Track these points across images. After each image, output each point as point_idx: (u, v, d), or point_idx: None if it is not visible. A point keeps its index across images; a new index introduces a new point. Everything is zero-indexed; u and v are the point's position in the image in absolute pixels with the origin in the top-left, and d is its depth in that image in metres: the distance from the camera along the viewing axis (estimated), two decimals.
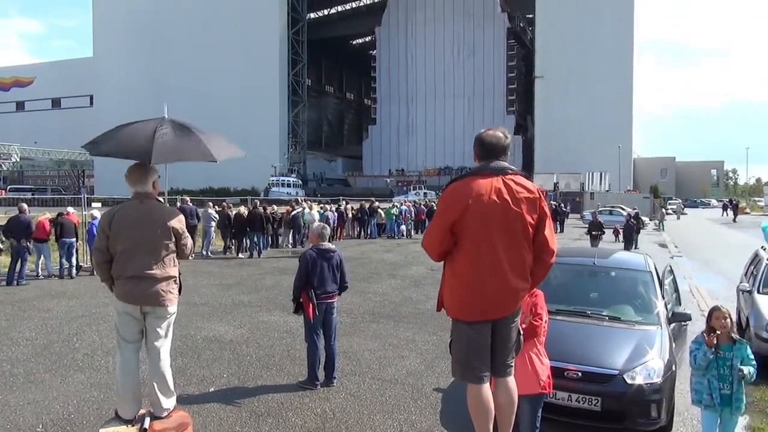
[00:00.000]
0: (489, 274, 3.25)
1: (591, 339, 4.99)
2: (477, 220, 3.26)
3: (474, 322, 3.34)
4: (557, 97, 76.77)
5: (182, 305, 8.72)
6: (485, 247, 3.25)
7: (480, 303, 3.29)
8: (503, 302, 3.30)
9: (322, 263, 5.84)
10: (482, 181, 3.32)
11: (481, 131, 3.58)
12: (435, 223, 3.46)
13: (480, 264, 3.26)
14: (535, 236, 3.37)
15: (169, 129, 4.24)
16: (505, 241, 3.27)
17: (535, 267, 3.40)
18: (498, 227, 3.26)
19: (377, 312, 9.75)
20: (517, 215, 3.29)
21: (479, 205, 3.26)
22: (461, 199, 3.31)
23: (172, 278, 4.28)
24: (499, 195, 3.28)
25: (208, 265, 15.95)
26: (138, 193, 4.25)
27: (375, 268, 15.59)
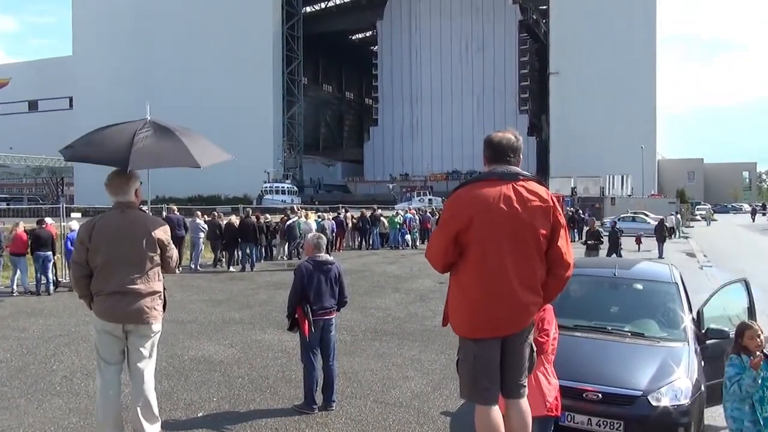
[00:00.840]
0: (496, 288, 3.25)
1: (612, 357, 4.97)
2: (483, 230, 3.26)
3: (481, 339, 3.33)
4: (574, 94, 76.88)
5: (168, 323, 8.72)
6: (492, 259, 3.25)
7: (487, 319, 3.29)
8: (512, 318, 3.30)
9: (319, 276, 5.84)
10: (490, 188, 3.33)
11: (491, 133, 3.59)
12: (438, 233, 3.45)
13: (487, 277, 3.26)
14: (548, 248, 3.36)
15: (150, 132, 4.26)
16: (515, 252, 3.26)
17: (549, 281, 3.38)
18: (506, 238, 3.26)
19: (379, 329, 9.73)
20: (527, 226, 3.28)
21: (486, 214, 3.26)
22: (466, 208, 3.31)
23: (157, 293, 4.29)
24: (508, 203, 3.28)
25: (196, 279, 15.96)
26: (119, 203, 4.27)
27: (377, 282, 15.57)
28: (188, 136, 4.44)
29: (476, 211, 3.28)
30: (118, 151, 4.15)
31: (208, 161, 4.48)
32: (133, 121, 4.52)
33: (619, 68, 74.42)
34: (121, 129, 4.36)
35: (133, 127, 4.30)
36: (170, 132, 4.37)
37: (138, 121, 4.46)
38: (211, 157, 4.59)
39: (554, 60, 79.67)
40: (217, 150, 4.77)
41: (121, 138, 4.24)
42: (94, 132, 4.45)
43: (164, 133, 4.34)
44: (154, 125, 4.36)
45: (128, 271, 4.15)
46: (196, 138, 4.53)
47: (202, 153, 4.45)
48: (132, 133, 4.22)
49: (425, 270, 17.61)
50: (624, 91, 74.41)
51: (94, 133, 4.43)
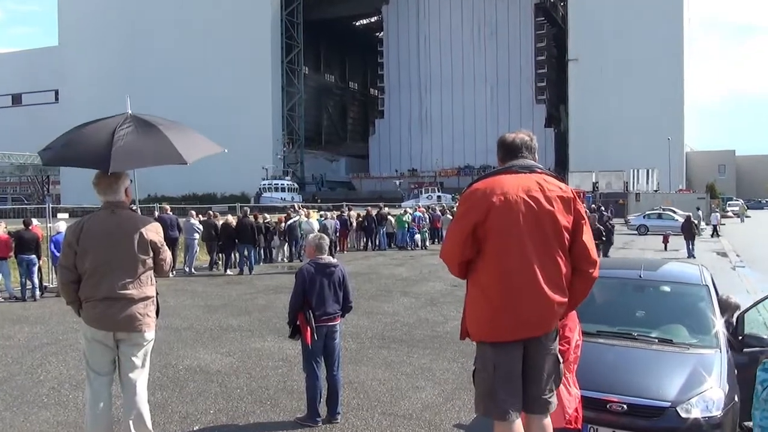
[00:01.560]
0: (519, 284, 3.22)
1: (638, 365, 4.94)
2: (503, 221, 3.25)
3: (501, 343, 3.30)
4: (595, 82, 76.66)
5: (161, 330, 8.76)
6: (514, 251, 3.23)
7: (509, 319, 3.25)
8: (537, 318, 3.26)
9: (322, 280, 5.84)
10: (508, 177, 3.35)
11: (504, 134, 3.66)
12: (454, 229, 3.45)
13: (508, 271, 3.23)
14: (572, 244, 3.35)
15: (131, 128, 4.24)
16: (537, 244, 3.25)
17: (575, 280, 3.36)
18: (528, 228, 3.25)
19: (387, 336, 9.73)
20: (549, 214, 3.28)
21: (505, 203, 3.26)
22: (484, 199, 3.31)
23: (150, 299, 4.30)
24: (528, 192, 3.29)
25: (191, 284, 16.02)
26: (109, 203, 4.27)
27: (384, 285, 15.58)
28: (173, 129, 4.41)
29: (495, 200, 3.27)
30: (98, 151, 4.13)
31: (196, 155, 4.45)
32: (113, 116, 4.50)
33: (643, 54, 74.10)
34: (99, 126, 4.34)
35: (113, 124, 4.28)
36: (152, 126, 4.34)
37: (118, 116, 4.44)
38: (199, 151, 4.56)
39: (573, 45, 79.43)
40: (206, 142, 4.75)
41: (100, 137, 4.21)
42: (72, 131, 4.44)
43: (146, 127, 4.31)
44: (135, 120, 4.33)
45: (119, 276, 4.17)
46: (182, 131, 4.50)
47: (189, 147, 4.42)
48: (111, 131, 4.19)
49: (436, 272, 17.60)
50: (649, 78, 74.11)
51: (72, 132, 4.42)
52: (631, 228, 39.02)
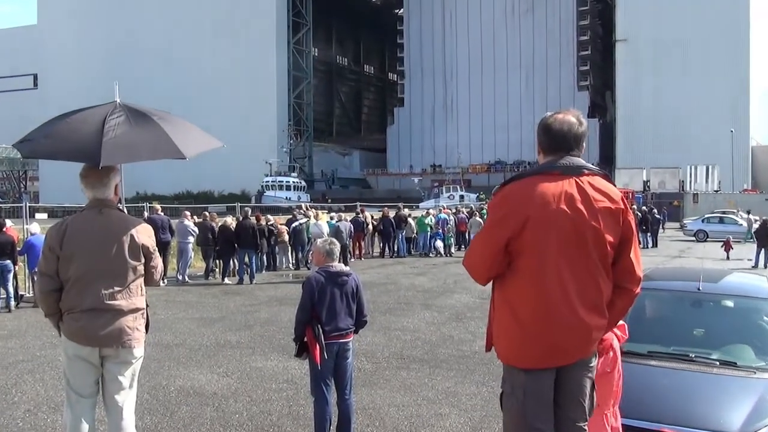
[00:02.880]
0: (553, 307, 3.22)
1: (696, 391, 4.89)
2: (541, 236, 3.23)
3: (532, 369, 3.30)
4: (646, 66, 76.07)
5: (150, 346, 8.82)
6: (550, 271, 3.22)
7: (541, 345, 3.26)
8: (571, 344, 3.26)
9: (333, 291, 5.85)
10: (549, 184, 3.29)
11: (547, 115, 3.54)
12: (483, 238, 3.42)
13: (542, 292, 3.23)
14: (616, 261, 3.34)
15: (122, 118, 4.28)
16: (577, 264, 3.23)
17: (615, 298, 3.36)
18: (567, 246, 3.22)
19: (407, 355, 9.72)
20: (593, 231, 3.25)
21: (543, 216, 3.23)
22: (519, 208, 3.27)
23: (140, 311, 4.33)
24: (570, 203, 3.24)
25: (184, 293, 16.12)
26: (96, 200, 4.30)
27: (403, 297, 15.57)
28: (168, 121, 4.46)
29: (532, 211, 3.24)
30: (86, 143, 4.16)
31: (195, 150, 4.49)
32: (100, 105, 4.54)
33: (703, 33, 73.38)
34: (86, 116, 4.38)
35: (102, 113, 4.32)
36: (146, 117, 4.39)
37: (106, 104, 4.48)
38: (197, 146, 4.60)
39: (621, 24, 78.89)
40: (204, 136, 4.79)
41: (87, 127, 4.25)
42: (54, 120, 4.48)
43: (140, 118, 4.35)
44: (126, 109, 4.38)
45: (107, 284, 4.19)
46: (177, 123, 4.54)
47: (187, 141, 4.46)
48: (101, 121, 4.23)
49: (462, 283, 17.54)
50: (709, 62, 73.37)
51: (54, 122, 4.46)
52: (688, 233, 38.70)
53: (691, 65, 74.07)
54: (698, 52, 73.82)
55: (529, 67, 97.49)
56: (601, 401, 3.70)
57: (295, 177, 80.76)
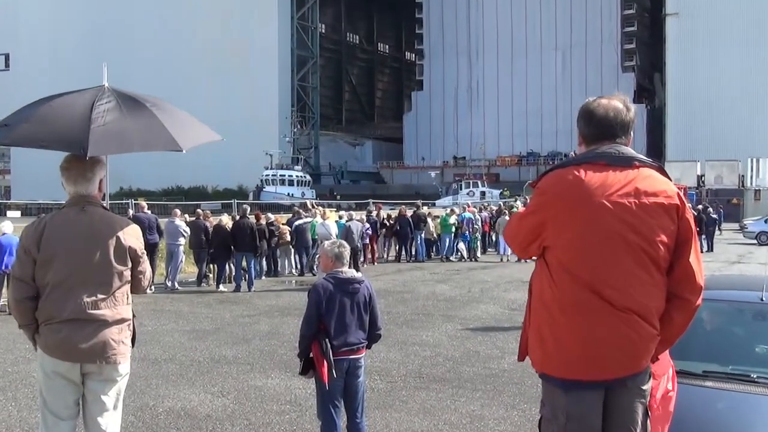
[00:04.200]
0: (598, 311, 3.20)
1: (758, 417, 4.86)
2: (580, 232, 3.23)
3: (576, 386, 3.27)
4: (701, 44, 75.49)
5: (136, 362, 8.83)
6: (592, 272, 3.21)
7: (585, 353, 3.23)
8: (621, 355, 3.23)
9: (342, 300, 5.85)
10: (593, 175, 3.28)
11: (589, 100, 3.53)
12: (518, 223, 3.55)
13: (585, 296, 3.21)
14: (673, 266, 3.31)
15: (112, 104, 4.30)
16: (622, 265, 3.21)
17: (672, 310, 3.33)
18: (612, 245, 3.21)
19: (426, 373, 9.71)
20: (645, 229, 3.23)
21: (585, 210, 3.23)
22: (557, 201, 3.29)
23: (126, 322, 4.34)
24: (617, 197, 3.23)
25: (174, 302, 16.19)
26: (79, 196, 4.31)
27: (422, 307, 15.55)
28: (162, 109, 4.48)
29: (573, 205, 3.24)
30: (71, 131, 4.18)
31: (192, 142, 4.52)
32: (86, 89, 4.56)
33: (766, 7, 72.71)
34: (71, 100, 4.40)
35: (89, 98, 4.34)
36: (139, 104, 4.41)
37: (93, 88, 4.50)
38: (194, 138, 4.63)
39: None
40: (201, 128, 4.82)
41: (73, 113, 4.27)
42: (35, 104, 4.50)
43: (131, 105, 4.37)
44: (116, 95, 4.40)
45: (90, 292, 4.20)
46: (172, 112, 4.56)
47: (183, 132, 4.49)
48: (88, 107, 4.25)
49: (489, 291, 17.49)
50: None
51: (35, 105, 4.48)
52: (749, 235, 38.37)
53: (754, 42, 73.40)
54: (761, 28, 73.15)
55: (566, 46, 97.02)
56: (655, 430, 3.68)
57: (299, 170, 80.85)
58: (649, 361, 3.36)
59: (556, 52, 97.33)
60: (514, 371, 9.32)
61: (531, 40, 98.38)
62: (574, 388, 3.28)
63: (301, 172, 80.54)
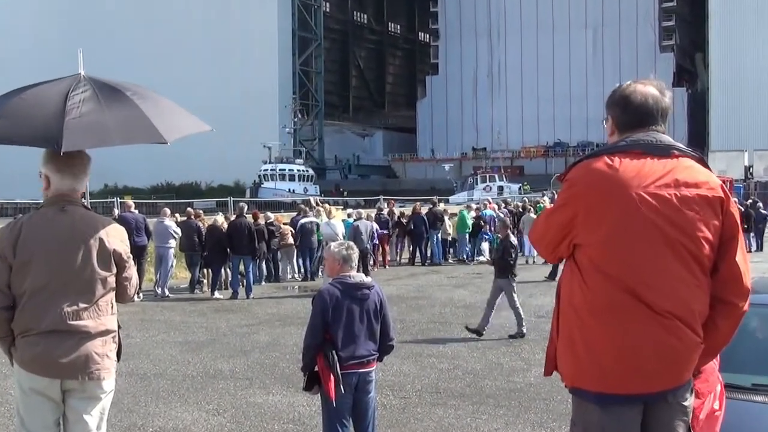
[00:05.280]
0: (635, 315, 3.18)
1: None
2: (614, 228, 3.21)
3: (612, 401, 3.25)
4: (748, 21, 75.14)
5: (123, 377, 8.86)
6: (627, 272, 3.19)
7: (621, 363, 3.21)
8: (662, 365, 3.21)
9: (351, 307, 5.85)
10: (630, 164, 3.27)
11: (622, 86, 3.52)
12: (546, 220, 3.51)
13: (620, 298, 3.19)
14: (717, 266, 3.29)
15: (88, 94, 4.30)
16: (665, 263, 3.20)
17: (717, 317, 3.31)
18: (653, 240, 3.20)
19: (444, 388, 9.70)
20: (686, 224, 3.21)
21: (620, 203, 3.21)
22: (589, 193, 3.27)
23: (110, 334, 4.35)
24: (660, 189, 3.21)
25: (164, 311, 16.23)
26: (60, 195, 4.32)
27: (440, 315, 15.54)
28: (144, 97, 4.46)
29: (607, 197, 3.22)
30: (44, 125, 4.17)
31: (178, 134, 4.51)
32: (61, 78, 4.56)
33: None
34: (43, 91, 4.39)
35: (63, 88, 4.33)
36: (119, 93, 4.39)
37: (68, 77, 4.50)
38: (181, 129, 4.62)
39: None
40: (188, 118, 4.81)
41: (46, 105, 4.26)
42: (4, 97, 4.49)
43: (110, 94, 4.35)
44: (93, 83, 4.39)
45: (71, 300, 4.20)
46: (155, 100, 4.55)
47: (168, 122, 4.48)
48: (62, 97, 4.24)
49: None
50: None
51: (4, 98, 4.48)
52: None
53: None
54: None
55: (597, 25, 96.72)
56: None
57: (300, 164, 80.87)
58: (691, 373, 3.35)
59: (586, 31, 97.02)
60: (542, 385, 9.30)
61: (558, 17, 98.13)
62: (610, 404, 3.25)
63: (303, 166, 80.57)
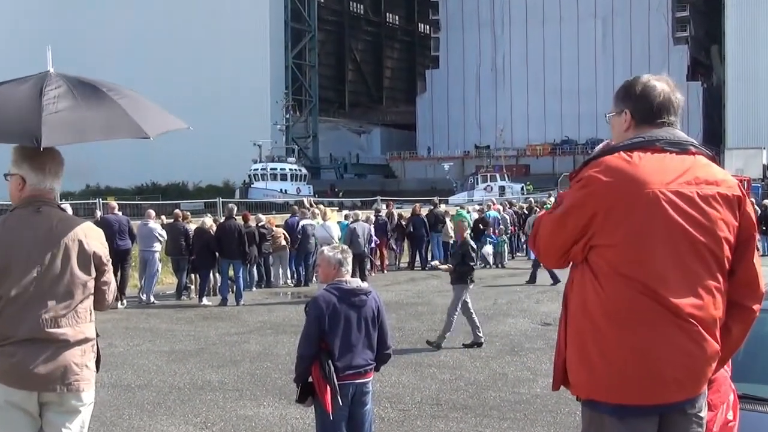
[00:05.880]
0: (657, 320, 3.17)
1: None
2: (638, 227, 3.20)
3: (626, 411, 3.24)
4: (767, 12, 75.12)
5: (105, 389, 8.87)
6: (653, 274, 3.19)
7: (640, 372, 3.19)
8: (683, 374, 3.20)
9: (347, 314, 5.85)
10: (651, 160, 3.26)
11: (638, 78, 3.52)
12: (557, 222, 3.39)
13: (641, 302, 3.18)
14: (734, 269, 3.29)
15: (62, 89, 4.31)
16: (688, 266, 3.20)
17: (730, 321, 3.31)
18: (676, 242, 3.20)
19: (445, 400, 9.71)
20: (709, 224, 3.21)
21: (639, 203, 3.20)
22: (605, 192, 3.24)
23: (89, 342, 4.34)
24: (678, 187, 3.21)
25: (149, 318, 16.22)
26: (34, 195, 4.32)
27: (440, 322, 15.51)
28: (121, 94, 4.48)
29: (624, 196, 3.21)
30: (18, 119, 4.17)
31: (160, 128, 4.52)
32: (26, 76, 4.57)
33: None
34: (15, 87, 4.39)
35: (36, 83, 4.33)
36: (94, 88, 4.41)
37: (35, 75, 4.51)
38: (160, 124, 4.63)
39: None
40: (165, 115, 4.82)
41: (19, 99, 4.26)
42: None
43: (85, 90, 4.37)
44: (66, 80, 4.41)
45: (49, 306, 4.19)
46: (132, 97, 4.57)
47: (148, 117, 4.49)
48: (36, 93, 4.25)
49: (518, 303, 17.47)
50: None
51: None
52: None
53: None
54: None
55: (607, 14, 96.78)
56: None
57: (293, 163, 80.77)
58: (707, 382, 3.35)
59: (595, 21, 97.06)
60: (548, 397, 9.31)
61: (566, 7, 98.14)
62: (629, 415, 3.24)
63: (295, 165, 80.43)
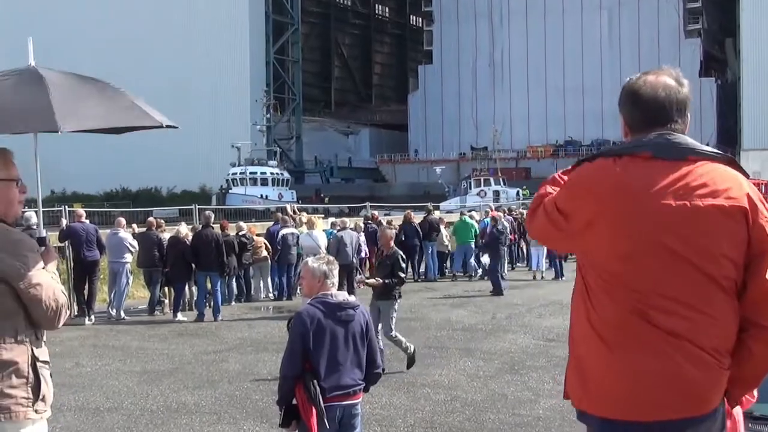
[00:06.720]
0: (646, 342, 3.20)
1: None
2: (621, 244, 3.22)
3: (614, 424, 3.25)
4: None
5: (72, 412, 8.85)
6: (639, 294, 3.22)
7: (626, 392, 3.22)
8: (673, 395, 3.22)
9: (334, 330, 5.85)
10: (635, 170, 3.27)
11: (632, 78, 3.53)
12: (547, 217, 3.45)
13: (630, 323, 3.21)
14: (746, 285, 3.29)
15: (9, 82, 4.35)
16: (682, 284, 3.22)
17: (748, 341, 3.30)
18: (661, 260, 3.21)
19: (440, 422, 9.73)
20: (700, 239, 3.22)
21: (628, 215, 3.22)
22: (587, 202, 3.28)
23: (12, 366, 4.24)
24: (664, 199, 3.23)
25: (120, 335, 16.18)
26: None
27: (435, 338, 15.55)
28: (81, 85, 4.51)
29: (607, 207, 3.23)
30: None
31: (90, 123, 4.55)
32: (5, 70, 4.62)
33: None
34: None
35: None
36: (39, 78, 4.40)
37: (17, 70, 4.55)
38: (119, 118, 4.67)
39: None
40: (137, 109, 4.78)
41: None
42: None
43: (28, 79, 4.40)
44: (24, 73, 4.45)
45: None
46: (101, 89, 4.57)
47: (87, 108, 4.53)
48: None
49: (519, 317, 17.49)
50: None
51: None
52: None
53: None
54: None
55: (613, 6, 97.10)
56: None
57: (275, 166, 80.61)
58: (716, 402, 3.35)
59: (600, 13, 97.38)
60: (551, 419, 9.33)
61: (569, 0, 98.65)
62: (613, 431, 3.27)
63: (277, 169, 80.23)
